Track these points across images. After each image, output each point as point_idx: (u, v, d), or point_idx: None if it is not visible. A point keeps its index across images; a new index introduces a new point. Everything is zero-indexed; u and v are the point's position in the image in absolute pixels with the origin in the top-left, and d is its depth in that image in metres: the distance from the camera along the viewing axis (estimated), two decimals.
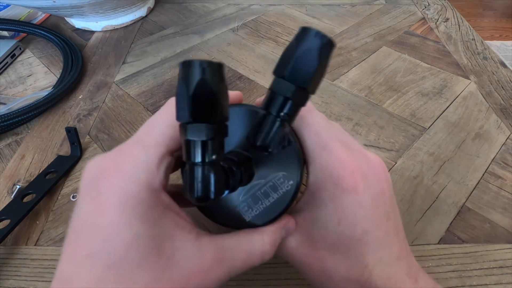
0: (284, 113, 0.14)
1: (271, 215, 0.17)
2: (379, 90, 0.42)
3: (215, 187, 0.13)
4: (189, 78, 0.12)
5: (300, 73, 0.13)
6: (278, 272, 0.25)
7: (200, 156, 0.12)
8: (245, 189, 0.17)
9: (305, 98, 0.14)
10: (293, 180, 0.17)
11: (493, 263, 0.26)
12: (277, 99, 0.14)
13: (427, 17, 0.57)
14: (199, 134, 0.12)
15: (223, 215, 0.17)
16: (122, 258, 0.13)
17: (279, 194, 0.17)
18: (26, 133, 0.38)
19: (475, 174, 0.32)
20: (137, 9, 0.57)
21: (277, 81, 0.14)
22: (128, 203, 0.13)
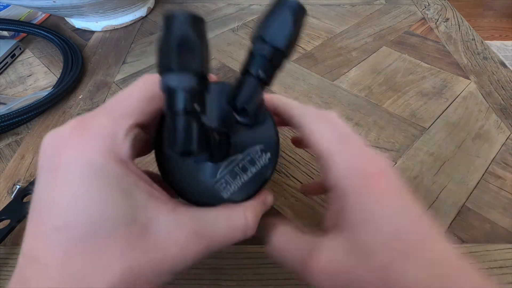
0: (262, 72, 0.14)
1: (250, 190, 0.16)
2: (379, 90, 0.42)
3: (198, 139, 0.12)
4: (174, 27, 0.12)
5: (276, 34, 0.14)
6: (278, 272, 0.25)
7: (183, 104, 0.12)
8: (222, 165, 0.16)
9: (282, 59, 0.15)
10: (270, 152, 0.17)
11: (493, 263, 0.26)
12: (255, 59, 0.14)
13: (427, 17, 0.57)
14: (182, 81, 0.12)
15: (199, 194, 0.16)
16: (91, 230, 0.12)
17: (257, 168, 0.16)
18: (26, 133, 0.38)
19: (475, 174, 0.32)
20: (137, 9, 0.57)
21: (255, 44, 0.15)
22: (93, 174, 0.13)
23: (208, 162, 0.16)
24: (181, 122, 0.12)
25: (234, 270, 0.25)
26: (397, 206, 0.15)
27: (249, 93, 0.14)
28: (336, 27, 0.54)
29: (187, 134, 0.12)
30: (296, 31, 0.14)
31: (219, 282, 0.25)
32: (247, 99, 0.14)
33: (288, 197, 0.30)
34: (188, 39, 0.12)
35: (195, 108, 0.12)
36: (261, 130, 0.17)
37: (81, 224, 0.12)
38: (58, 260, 0.12)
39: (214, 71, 0.45)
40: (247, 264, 0.26)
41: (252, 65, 0.15)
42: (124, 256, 0.12)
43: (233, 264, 0.26)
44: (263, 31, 0.14)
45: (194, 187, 0.16)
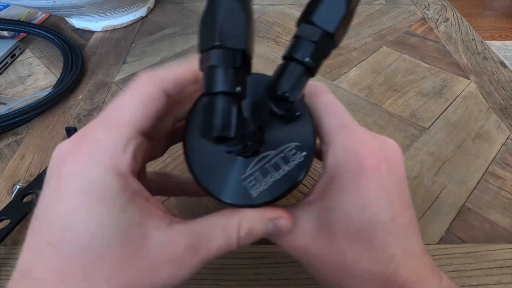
0: (309, 59, 0.12)
1: (281, 190, 0.15)
2: (379, 90, 0.42)
3: (236, 124, 0.11)
4: (220, 3, 0.11)
5: (328, 17, 0.12)
6: (278, 272, 0.25)
7: (224, 84, 0.11)
8: (253, 161, 0.15)
9: (330, 46, 0.13)
10: (306, 151, 0.15)
11: (493, 263, 0.26)
12: (302, 44, 0.13)
13: (427, 17, 0.57)
14: (225, 59, 0.11)
15: (226, 190, 0.15)
16: (84, 247, 0.12)
17: (290, 167, 0.15)
18: (26, 133, 0.38)
19: (475, 174, 0.32)
20: (137, 9, 0.57)
21: (302, 27, 0.13)
22: (89, 189, 0.12)
23: (238, 157, 0.15)
24: (221, 104, 0.11)
25: (234, 270, 0.25)
26: (378, 194, 0.15)
27: (293, 81, 0.13)
28: None
29: (226, 118, 0.11)
30: (349, 17, 0.13)
31: (219, 282, 0.25)
32: (290, 87, 0.13)
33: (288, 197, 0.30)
34: (234, 14, 0.11)
35: (236, 90, 0.11)
36: (298, 126, 0.16)
37: (74, 242, 0.12)
38: (50, 276, 0.12)
39: None
40: (247, 264, 0.26)
41: (298, 50, 0.13)
42: (116, 277, 0.12)
43: (233, 264, 0.26)
44: (312, 13, 0.13)
45: (222, 184, 0.15)
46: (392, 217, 0.15)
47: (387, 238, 0.15)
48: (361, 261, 0.15)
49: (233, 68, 0.11)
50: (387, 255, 0.15)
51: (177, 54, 0.49)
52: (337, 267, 0.15)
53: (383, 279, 0.15)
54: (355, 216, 0.15)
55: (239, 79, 0.12)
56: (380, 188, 0.15)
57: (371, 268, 0.15)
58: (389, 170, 0.15)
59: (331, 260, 0.15)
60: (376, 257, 0.15)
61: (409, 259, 0.15)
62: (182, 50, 0.50)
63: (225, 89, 0.11)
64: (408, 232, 0.15)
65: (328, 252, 0.15)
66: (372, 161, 0.15)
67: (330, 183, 0.16)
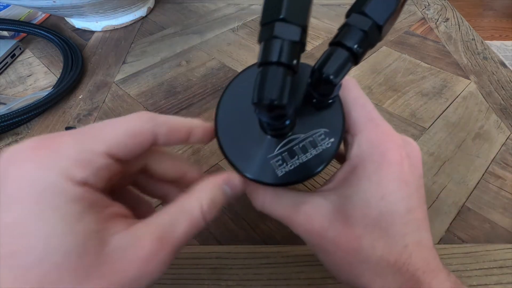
0: (358, 46, 0.13)
1: (306, 172, 0.16)
2: (379, 90, 0.42)
3: (289, 94, 0.12)
4: None
5: (379, 10, 0.13)
6: (278, 272, 0.25)
7: (283, 56, 0.12)
8: (281, 143, 0.16)
9: (377, 38, 0.14)
10: (335, 138, 0.16)
11: (493, 263, 0.26)
12: (352, 31, 0.13)
13: (427, 17, 0.57)
14: (288, 32, 0.12)
15: (252, 167, 0.15)
16: (38, 258, 0.11)
17: (318, 151, 0.16)
18: (26, 133, 0.38)
19: (475, 174, 0.32)
20: (137, 9, 0.57)
21: (353, 16, 0.14)
22: (42, 194, 0.12)
23: (267, 136, 0.16)
24: (277, 73, 0.12)
25: (234, 270, 0.25)
26: (398, 186, 0.16)
27: (338, 65, 0.13)
28: (336, 27, 0.54)
29: (281, 86, 0.12)
30: (396, 14, 0.14)
31: (219, 282, 0.25)
32: (335, 71, 0.13)
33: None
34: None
35: (293, 63, 0.12)
36: (329, 114, 0.16)
37: (26, 254, 0.11)
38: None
39: (214, 71, 0.45)
40: (247, 264, 0.26)
41: (346, 37, 0.13)
42: (78, 286, 0.12)
43: (233, 264, 0.26)
44: (364, 5, 0.13)
45: (249, 161, 0.15)
46: (409, 209, 0.16)
47: (402, 228, 0.15)
48: (376, 248, 0.15)
49: (293, 42, 0.12)
50: (401, 244, 0.15)
51: (177, 54, 0.49)
52: (352, 252, 0.16)
53: (396, 266, 0.15)
54: (374, 204, 0.15)
55: (296, 54, 0.12)
56: (400, 181, 0.16)
57: (385, 255, 0.15)
58: (410, 166, 0.16)
59: (347, 245, 0.16)
60: (391, 245, 0.15)
61: (422, 251, 0.16)
62: (182, 50, 0.50)
63: (283, 60, 0.12)
64: (421, 226, 0.16)
65: (344, 237, 0.16)
66: (395, 154, 0.16)
67: (352, 172, 0.16)
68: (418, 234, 0.16)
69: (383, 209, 0.15)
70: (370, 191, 0.16)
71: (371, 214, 0.16)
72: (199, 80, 0.44)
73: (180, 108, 0.40)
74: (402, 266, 0.15)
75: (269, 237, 0.28)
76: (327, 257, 0.17)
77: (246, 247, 0.27)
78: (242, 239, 0.28)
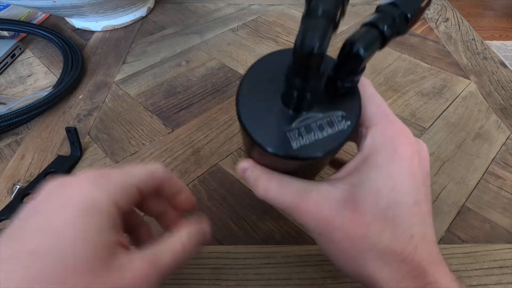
0: (388, 29, 0.14)
1: (321, 150, 0.16)
2: (379, 90, 0.42)
3: (327, 44, 0.13)
4: None
5: (409, 3, 0.15)
6: (278, 272, 0.25)
7: (328, 9, 0.13)
8: (299, 118, 0.16)
9: (404, 28, 0.15)
10: (351, 121, 0.16)
11: (493, 263, 0.26)
12: (385, 17, 0.15)
13: (427, 17, 0.57)
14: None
15: (269, 139, 0.16)
16: (66, 257, 0.14)
17: (334, 131, 0.16)
18: (26, 133, 0.38)
19: (475, 174, 0.32)
20: (137, 9, 0.57)
21: (386, 6, 0.15)
22: (91, 208, 0.15)
23: (288, 110, 0.16)
24: (321, 23, 0.12)
25: (234, 270, 0.25)
26: (407, 178, 0.16)
27: (370, 41, 0.14)
28: None
29: (323, 35, 0.12)
30: (423, 10, 0.15)
31: (219, 282, 0.25)
32: (366, 45, 0.14)
33: None
34: None
35: (337, 17, 0.13)
36: (348, 100, 0.17)
37: (58, 250, 0.14)
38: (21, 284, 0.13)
39: (214, 71, 0.45)
40: (247, 264, 0.26)
41: (380, 20, 0.15)
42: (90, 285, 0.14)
43: (233, 264, 0.26)
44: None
45: (266, 133, 0.16)
46: (416, 202, 0.16)
47: (409, 219, 0.16)
48: (384, 236, 0.16)
49: (337, 2, 0.13)
50: (407, 234, 0.16)
51: (177, 54, 0.49)
52: (359, 239, 0.16)
53: (402, 256, 0.15)
54: (384, 193, 0.16)
55: (337, 13, 0.13)
56: (410, 174, 0.16)
57: (391, 244, 0.16)
58: (419, 163, 0.17)
59: (355, 231, 0.16)
60: (397, 235, 0.16)
61: (427, 243, 0.16)
62: (182, 50, 0.50)
63: (329, 13, 0.13)
64: (427, 220, 0.17)
65: (352, 224, 0.16)
66: (407, 149, 0.17)
67: (364, 162, 0.17)
68: (424, 227, 0.16)
69: (392, 199, 0.16)
70: (381, 181, 0.16)
71: (381, 203, 0.16)
72: (199, 80, 0.44)
73: (180, 108, 0.40)
74: (407, 256, 0.15)
75: (269, 237, 0.28)
76: (333, 247, 0.17)
77: (246, 247, 0.27)
78: (242, 239, 0.28)
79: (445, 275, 0.16)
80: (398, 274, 0.15)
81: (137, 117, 0.39)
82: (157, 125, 0.38)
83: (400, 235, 0.16)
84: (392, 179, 0.16)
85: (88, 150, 0.35)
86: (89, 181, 0.16)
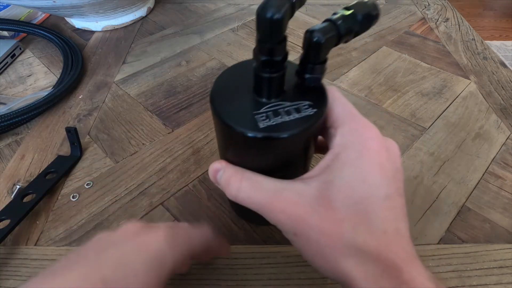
0: (342, 22, 0.16)
1: (286, 131, 0.17)
2: (379, 90, 0.42)
3: (285, 14, 0.15)
4: None
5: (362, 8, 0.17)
6: (278, 272, 0.25)
7: None
8: (268, 105, 0.18)
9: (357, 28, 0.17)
10: (318, 109, 0.18)
11: (493, 263, 0.26)
12: (339, 14, 0.17)
13: (427, 17, 0.57)
14: None
15: (239, 121, 0.17)
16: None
17: (300, 115, 0.17)
18: (26, 133, 0.38)
19: (475, 174, 0.32)
20: (137, 9, 0.57)
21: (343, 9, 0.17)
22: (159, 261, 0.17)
23: (259, 98, 0.18)
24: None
25: (234, 270, 0.25)
26: (376, 171, 0.17)
27: (326, 30, 0.16)
28: None
29: (281, 5, 0.14)
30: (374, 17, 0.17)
31: (219, 282, 0.25)
32: (322, 33, 0.16)
33: None
34: None
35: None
36: (315, 92, 0.18)
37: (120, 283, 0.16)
38: None
39: (214, 71, 0.45)
40: (247, 264, 0.26)
41: (336, 19, 0.16)
42: None
43: (233, 264, 0.26)
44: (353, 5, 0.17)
45: (237, 117, 0.17)
46: (387, 195, 0.16)
47: (381, 213, 0.16)
48: (358, 232, 0.16)
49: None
50: (381, 230, 0.16)
51: (177, 54, 0.49)
52: (335, 236, 0.16)
53: (376, 253, 0.15)
54: (356, 186, 0.16)
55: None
56: (379, 167, 0.17)
57: (366, 240, 0.16)
58: (388, 157, 0.17)
59: (330, 229, 0.16)
60: (372, 230, 0.16)
61: (400, 239, 0.16)
62: (182, 50, 0.50)
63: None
64: (399, 215, 0.17)
65: (327, 221, 0.16)
66: (375, 143, 0.17)
67: (335, 159, 0.17)
68: (396, 222, 0.16)
69: (364, 193, 0.16)
70: (352, 175, 0.17)
71: (353, 197, 0.16)
72: (199, 80, 0.44)
73: (180, 108, 0.40)
74: (381, 253, 0.15)
75: (269, 237, 0.28)
76: (309, 246, 0.17)
77: (246, 247, 0.27)
78: (242, 239, 0.28)
79: (420, 274, 0.16)
80: (373, 272, 0.15)
81: (137, 117, 0.39)
82: (157, 125, 0.38)
83: (374, 230, 0.16)
84: (362, 172, 0.16)
85: (88, 150, 0.35)
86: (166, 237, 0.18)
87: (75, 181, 0.32)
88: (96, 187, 0.32)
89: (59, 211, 0.30)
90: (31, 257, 0.27)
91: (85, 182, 0.32)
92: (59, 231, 0.28)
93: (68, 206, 0.30)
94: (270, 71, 0.17)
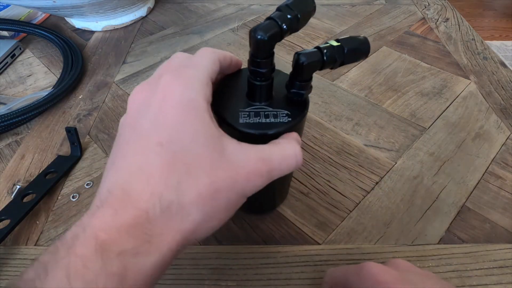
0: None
1: (259, 129, 0.19)
2: (379, 90, 0.42)
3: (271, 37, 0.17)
4: None
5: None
6: (278, 272, 0.25)
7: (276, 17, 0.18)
8: (253, 106, 0.21)
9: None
10: (293, 119, 0.20)
11: (493, 263, 0.26)
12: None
13: (427, 17, 0.57)
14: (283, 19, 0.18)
15: (227, 114, 0.20)
16: (187, 147, 0.15)
17: (276, 121, 0.20)
18: (26, 133, 0.38)
19: (475, 174, 0.32)
20: (137, 9, 0.57)
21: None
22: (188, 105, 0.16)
23: (249, 100, 0.21)
24: (270, 23, 0.17)
25: (234, 270, 0.25)
26: None
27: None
28: (336, 27, 0.54)
29: (269, 28, 0.17)
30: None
31: (219, 282, 0.25)
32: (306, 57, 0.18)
33: (288, 197, 0.30)
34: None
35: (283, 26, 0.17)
36: (296, 106, 0.21)
37: (179, 142, 0.15)
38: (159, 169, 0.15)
39: None
40: (247, 264, 0.26)
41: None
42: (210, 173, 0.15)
43: (233, 264, 0.26)
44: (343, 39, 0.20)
45: (227, 111, 0.20)
46: None
47: None
48: None
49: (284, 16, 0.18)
50: None
51: None
52: None
53: None
54: None
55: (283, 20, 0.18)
56: None
57: None
58: None
59: None
60: None
61: None
62: (182, 50, 0.50)
63: (279, 19, 0.18)
64: None
65: None
66: None
67: None
68: None
69: None
70: None
71: None
72: None
73: None
74: None
75: (269, 237, 0.28)
76: None
77: (246, 247, 0.27)
78: (242, 239, 0.28)
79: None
80: None
81: None
82: None
83: None
84: None
85: (88, 150, 0.35)
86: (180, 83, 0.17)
87: (75, 181, 0.32)
88: (96, 187, 0.32)
89: (59, 211, 0.30)
90: (31, 257, 0.27)
91: (85, 182, 0.32)
92: (59, 231, 0.28)
93: (68, 206, 0.30)
94: (257, 79, 0.20)
